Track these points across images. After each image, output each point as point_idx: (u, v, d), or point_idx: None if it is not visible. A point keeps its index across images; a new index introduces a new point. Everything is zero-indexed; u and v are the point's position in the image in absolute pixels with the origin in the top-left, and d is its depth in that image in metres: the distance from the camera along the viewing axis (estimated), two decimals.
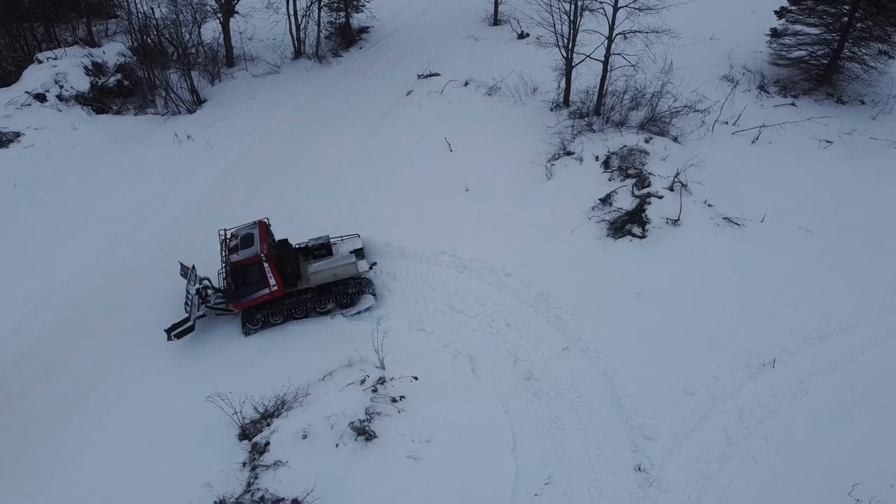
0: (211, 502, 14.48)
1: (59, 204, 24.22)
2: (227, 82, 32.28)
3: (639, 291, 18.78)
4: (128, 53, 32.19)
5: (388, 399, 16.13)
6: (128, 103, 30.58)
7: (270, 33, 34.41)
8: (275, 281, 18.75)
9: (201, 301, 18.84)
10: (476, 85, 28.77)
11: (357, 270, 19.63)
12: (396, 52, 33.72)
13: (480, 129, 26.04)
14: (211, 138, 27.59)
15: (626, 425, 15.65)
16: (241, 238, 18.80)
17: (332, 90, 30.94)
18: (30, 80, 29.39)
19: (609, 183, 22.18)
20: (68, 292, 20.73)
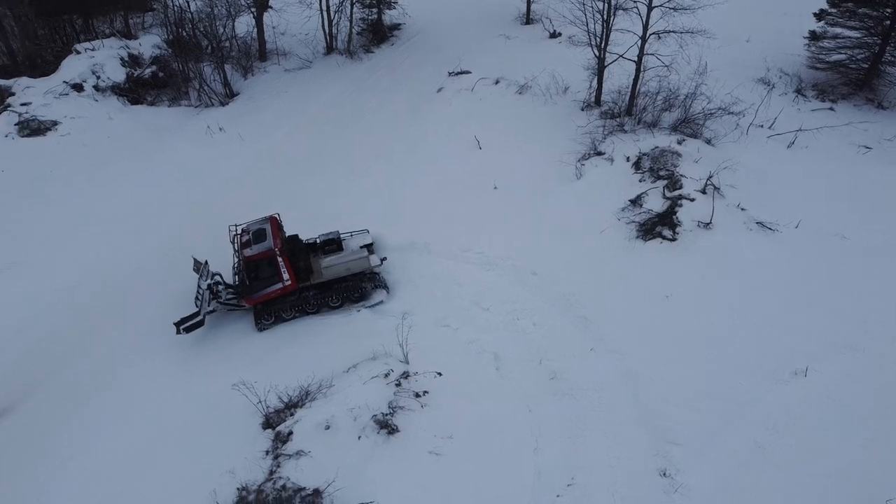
0: (234, 489, 14.57)
1: (92, 191, 24.60)
2: (259, 76, 32.58)
3: (667, 294, 18.55)
4: (163, 46, 32.63)
5: (412, 394, 16.10)
6: (162, 95, 31.00)
7: (303, 28, 34.63)
8: (288, 275, 18.76)
9: (212, 296, 18.75)
10: (507, 83, 28.66)
11: (369, 265, 19.68)
12: (427, 50, 33.75)
13: (510, 128, 25.96)
14: (242, 131, 27.85)
15: (651, 429, 15.42)
16: (253, 233, 18.79)
17: (363, 86, 31.05)
18: (68, 71, 29.94)
19: (640, 184, 21.95)
20: (97, 276, 21.00)
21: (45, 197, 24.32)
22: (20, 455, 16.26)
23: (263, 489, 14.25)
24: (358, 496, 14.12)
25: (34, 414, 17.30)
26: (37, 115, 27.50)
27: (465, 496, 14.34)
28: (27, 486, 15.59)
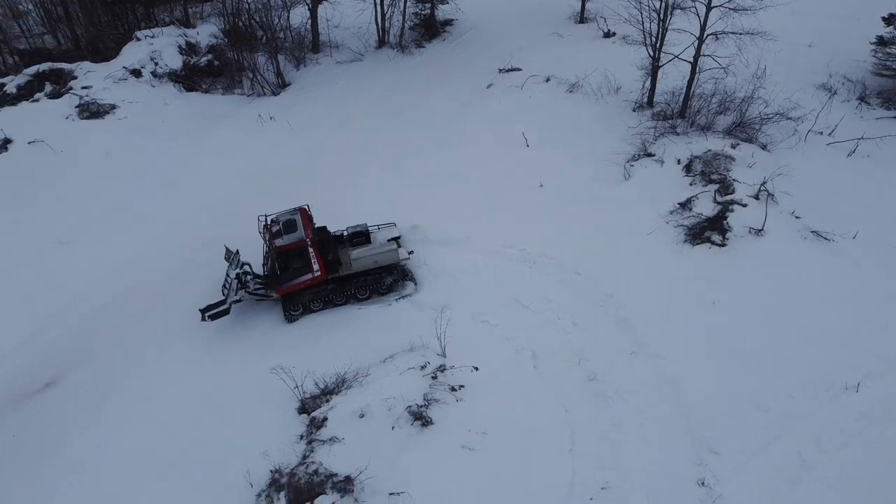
0: (267, 470, 14.73)
1: (145, 174, 25.20)
2: (311, 67, 32.93)
3: (714, 301, 18.03)
4: (219, 35, 33.27)
5: (447, 387, 16.00)
6: (216, 83, 31.59)
7: (356, 22, 34.86)
8: (318, 266, 18.82)
9: (240, 286, 18.78)
10: (557, 81, 28.33)
11: (398, 257, 19.74)
12: (479, 46, 33.62)
13: (559, 126, 25.63)
14: (292, 120, 28.17)
15: (691, 436, 15.01)
16: (283, 223, 18.86)
17: (413, 80, 31.09)
18: (128, 57, 30.76)
19: (690, 187, 21.43)
20: (144, 258, 21.49)
21: (101, 178, 24.99)
22: (63, 426, 16.72)
23: (296, 472, 14.35)
24: (389, 486, 14.10)
25: (77, 388, 17.79)
26: (96, 98, 28.30)
27: (497, 493, 14.17)
28: (67, 457, 16.01)
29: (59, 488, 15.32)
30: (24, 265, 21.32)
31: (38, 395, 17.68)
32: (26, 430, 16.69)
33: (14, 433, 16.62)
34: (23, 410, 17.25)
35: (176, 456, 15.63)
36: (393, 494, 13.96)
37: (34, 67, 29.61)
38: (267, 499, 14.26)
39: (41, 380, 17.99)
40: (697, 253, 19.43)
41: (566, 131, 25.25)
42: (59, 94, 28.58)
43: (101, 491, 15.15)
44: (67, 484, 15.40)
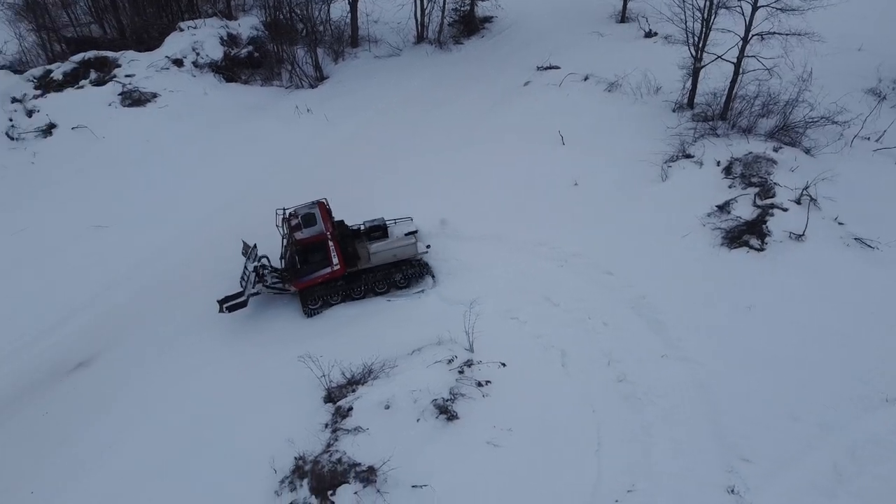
0: (291, 457, 14.77)
1: (183, 162, 25.54)
2: (349, 61, 33.08)
3: (750, 306, 17.60)
4: (260, 27, 33.61)
5: (474, 382, 15.88)
6: (256, 74, 31.91)
7: (395, 17, 34.91)
8: (337, 260, 18.79)
9: (257, 279, 18.72)
10: (596, 80, 27.98)
11: (416, 251, 19.70)
12: (517, 43, 33.41)
13: (596, 125, 25.31)
14: (329, 113, 28.32)
15: (722, 443, 14.63)
16: (301, 217, 18.82)
17: (450, 76, 31.04)
18: (170, 46, 31.26)
19: (729, 190, 20.97)
20: (178, 246, 21.75)
21: (140, 165, 25.41)
22: (93, 406, 17.01)
23: (320, 460, 14.37)
24: (412, 478, 14.03)
25: (108, 370, 18.07)
26: (139, 86, 28.81)
27: (520, 491, 14.01)
28: (96, 436, 16.29)
29: (87, 466, 15.56)
30: (63, 248, 21.76)
31: (71, 374, 18.01)
32: (58, 408, 17.00)
33: (47, 410, 16.94)
34: (56, 389, 17.57)
35: (201, 439, 15.77)
36: (415, 487, 13.89)
37: (80, 55, 30.26)
38: (290, 485, 14.30)
39: (75, 360, 18.32)
40: (734, 257, 18.99)
41: (603, 130, 24.92)
42: (103, 82, 29.15)
43: (128, 469, 15.37)
44: (96, 463, 15.64)
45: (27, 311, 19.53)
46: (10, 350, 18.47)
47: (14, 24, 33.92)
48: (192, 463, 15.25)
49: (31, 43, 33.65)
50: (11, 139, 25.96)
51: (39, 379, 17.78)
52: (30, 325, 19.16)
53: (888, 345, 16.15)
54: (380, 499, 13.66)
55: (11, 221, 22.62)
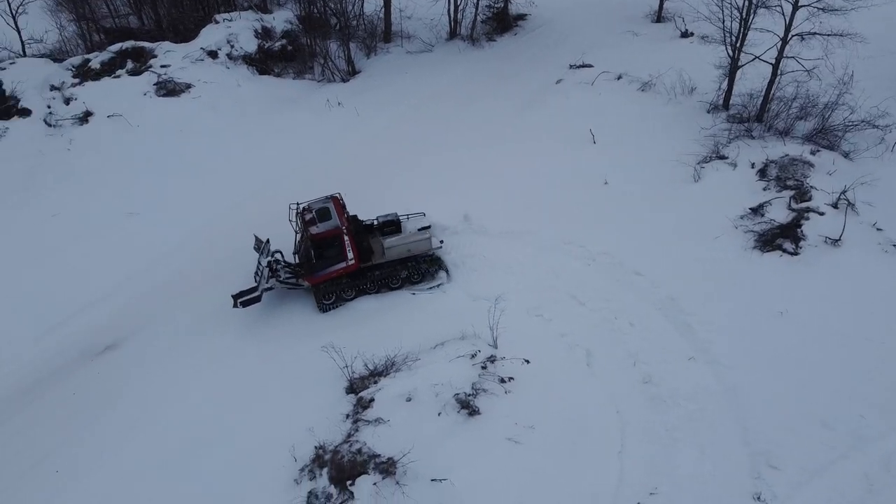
0: (311, 446, 14.79)
1: (214, 152, 25.74)
2: (381, 56, 33.10)
3: (782, 311, 17.21)
4: (294, 21, 33.79)
5: (497, 378, 15.74)
6: (288, 67, 32.10)
7: (429, 13, 34.82)
8: (352, 255, 18.68)
9: (271, 274, 18.56)
10: (629, 79, 27.61)
11: (431, 246, 19.66)
12: (550, 41, 33.12)
13: (628, 125, 24.98)
14: (359, 107, 28.34)
15: (749, 448, 14.33)
16: (316, 211, 18.66)
17: (481, 72, 30.87)
18: (206, 38, 31.56)
19: (763, 192, 20.56)
20: (205, 234, 21.88)
21: (172, 154, 25.67)
22: (119, 389, 17.24)
23: (339, 450, 14.37)
24: (431, 472, 13.95)
25: (135, 354, 18.29)
26: (173, 77, 29.11)
27: (540, 489, 13.87)
28: (121, 418, 16.49)
29: (112, 447, 15.78)
30: (95, 233, 22.05)
31: (99, 356, 18.26)
32: (86, 389, 17.26)
33: (75, 391, 17.20)
34: (85, 370, 17.84)
35: (224, 425, 15.89)
36: (435, 481, 13.81)
37: (118, 45, 30.70)
38: (310, 474, 14.32)
39: (103, 342, 18.57)
40: (767, 260, 18.60)
41: (635, 130, 24.58)
42: (139, 72, 29.53)
43: (152, 452, 15.53)
44: (120, 444, 15.85)
45: (60, 293, 19.81)
46: (43, 330, 18.77)
47: (55, 14, 34.62)
48: (214, 448, 15.37)
49: (71, 33, 34.29)
50: (49, 126, 26.42)
51: (70, 360, 18.06)
52: (62, 306, 19.44)
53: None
54: (398, 491, 13.60)
55: (47, 205, 23.01)
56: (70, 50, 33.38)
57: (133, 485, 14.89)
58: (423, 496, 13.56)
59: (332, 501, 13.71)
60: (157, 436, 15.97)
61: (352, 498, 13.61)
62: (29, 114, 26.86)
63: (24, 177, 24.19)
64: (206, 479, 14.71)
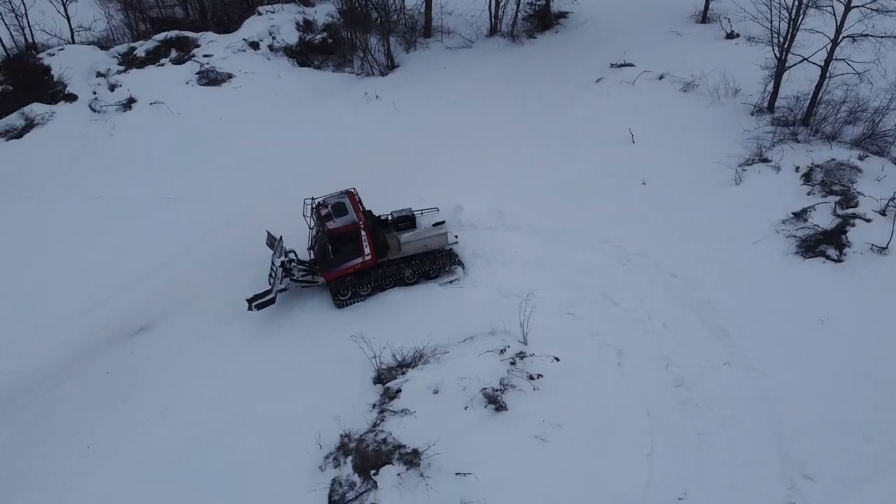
0: (337, 434, 14.80)
1: (252, 142, 25.97)
2: (421, 51, 33.05)
3: (823, 319, 16.70)
4: (335, 14, 33.95)
5: (525, 375, 15.55)
6: (328, 60, 32.25)
7: (469, 9, 34.68)
8: (369, 250, 18.56)
9: (285, 274, 18.45)
10: (671, 79, 27.11)
11: (447, 241, 19.55)
12: (592, 40, 32.69)
13: (669, 125, 24.52)
14: (397, 100, 28.33)
15: (784, 457, 13.96)
16: (332, 206, 18.47)
17: (520, 69, 30.62)
18: (248, 29, 31.90)
19: (807, 197, 20.00)
20: (240, 221, 22.00)
21: (211, 142, 25.96)
22: (150, 371, 17.44)
23: (365, 439, 14.36)
24: (456, 465, 13.85)
25: (169, 336, 18.43)
26: (215, 66, 29.47)
27: (566, 488, 13.69)
28: (151, 400, 16.68)
29: (140, 429, 15.97)
30: (135, 216, 22.39)
31: (133, 337, 18.51)
32: (118, 368, 17.50)
33: (108, 370, 17.48)
34: (119, 349, 18.10)
35: (251, 410, 16.00)
36: (459, 475, 13.70)
37: (162, 34, 31.21)
38: (334, 461, 14.34)
39: (137, 324, 18.81)
40: (809, 266, 18.10)
41: (676, 130, 24.12)
42: (182, 61, 29.96)
43: (181, 434, 15.70)
44: (148, 426, 16.05)
45: (98, 274, 20.14)
46: (79, 310, 19.11)
47: (104, 3, 35.34)
48: (241, 431, 15.47)
49: (119, 21, 34.97)
50: (94, 111, 26.95)
51: (105, 339, 18.31)
52: (100, 287, 19.76)
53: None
54: (422, 483, 13.53)
55: (89, 188, 23.47)
56: (117, 38, 34.04)
57: (161, 464, 15.06)
58: (446, 489, 13.47)
59: (356, 490, 13.70)
60: (187, 417, 16.12)
61: (375, 487, 13.58)
62: (75, 99, 27.41)
63: (69, 160, 24.70)
64: (233, 462, 14.81)
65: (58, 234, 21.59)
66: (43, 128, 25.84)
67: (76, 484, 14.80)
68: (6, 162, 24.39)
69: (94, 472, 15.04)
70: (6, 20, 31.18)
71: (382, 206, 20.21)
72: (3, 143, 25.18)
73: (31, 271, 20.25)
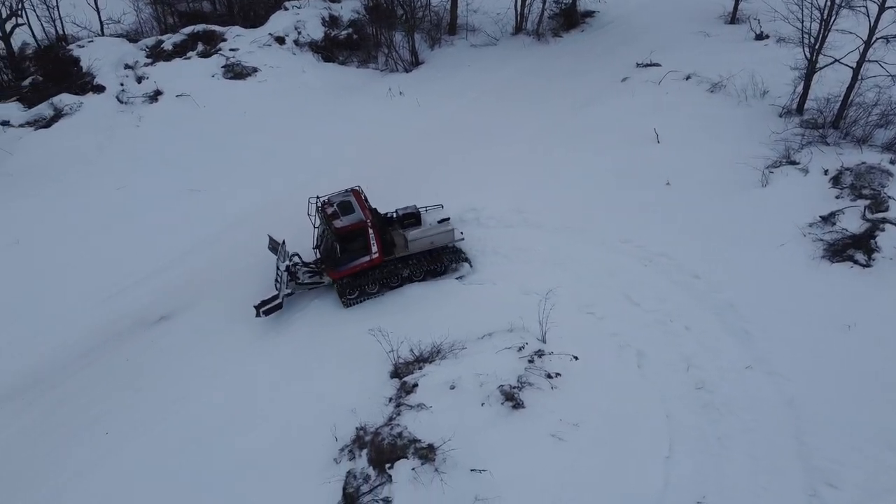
0: (353, 427, 14.78)
1: (276, 135, 26.11)
2: (445, 48, 33.05)
3: (849, 324, 16.34)
4: (361, 11, 34.06)
5: (543, 373, 15.40)
6: (353, 56, 32.37)
7: (495, 6, 34.63)
8: (377, 248, 18.35)
9: (290, 278, 18.41)
10: (698, 80, 26.80)
11: (454, 238, 19.40)
12: (618, 39, 32.46)
13: (695, 125, 24.22)
14: (420, 97, 28.33)
15: (805, 464, 13.65)
16: (338, 205, 18.22)
17: (545, 68, 30.47)
18: (275, 24, 32.14)
19: (836, 201, 19.62)
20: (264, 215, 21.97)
21: (236, 135, 26.15)
22: (169, 360, 17.52)
23: (380, 432, 14.31)
24: (471, 462, 13.73)
25: (188, 326, 18.50)
26: (241, 60, 29.72)
27: (582, 488, 13.49)
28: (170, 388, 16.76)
29: (158, 417, 16.06)
30: (158, 206, 22.59)
31: (153, 326, 18.65)
32: (139, 357, 17.62)
33: (128, 357, 17.62)
34: (139, 337, 18.23)
35: (269, 400, 16.04)
36: (474, 471, 13.59)
37: (190, 28, 31.55)
38: (349, 454, 14.31)
39: (158, 313, 18.94)
40: (836, 271, 17.73)
41: (702, 131, 23.81)
42: (208, 54, 30.25)
43: (198, 422, 15.76)
44: (168, 413, 16.15)
45: (120, 263, 20.34)
46: (101, 298, 19.30)
47: None
48: (258, 422, 15.50)
49: (147, 15, 35.43)
50: (121, 102, 27.27)
51: (127, 326, 18.46)
52: (121, 276, 19.93)
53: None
54: (437, 478, 13.43)
55: (113, 178, 23.73)
56: (145, 31, 34.47)
57: (178, 452, 15.12)
58: (461, 485, 13.36)
59: (370, 483, 13.65)
60: (204, 406, 16.17)
61: (390, 481, 13.53)
62: (103, 90, 27.75)
63: (95, 150, 25.01)
64: (248, 452, 14.82)
65: (79, 223, 21.82)
66: (71, 118, 26.21)
67: (76, 484, 14.73)
68: (34, 151, 24.76)
69: (117, 455, 15.15)
70: (38, 12, 31.69)
71: (404, 201, 20.12)
72: (32, 132, 25.57)
73: (54, 259, 20.47)
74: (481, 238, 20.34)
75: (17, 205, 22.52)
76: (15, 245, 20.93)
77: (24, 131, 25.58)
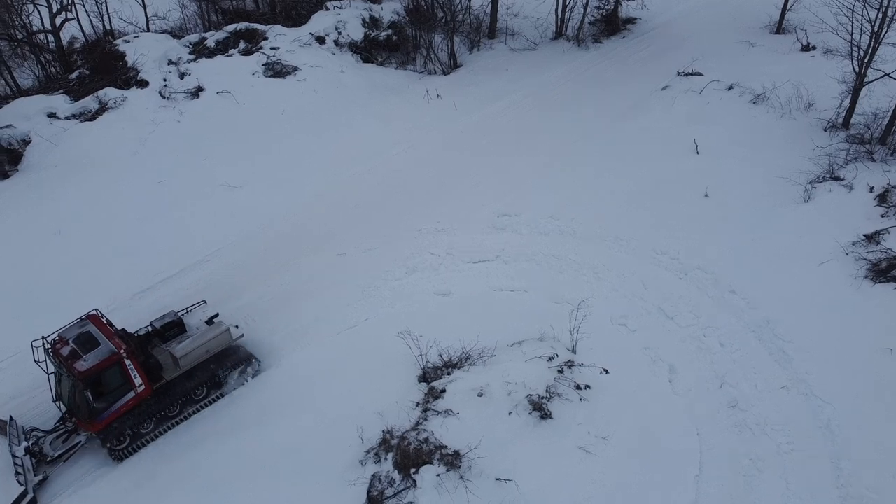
0: (379, 430, 14.78)
1: (314, 134, 26.29)
2: (484, 52, 32.93)
3: (892, 348, 15.86)
4: (401, 13, 34.08)
5: (573, 384, 15.24)
6: (392, 57, 32.40)
7: (536, 11, 34.43)
8: (141, 379, 15.04)
9: (36, 460, 14.56)
10: (741, 90, 26.32)
11: (231, 338, 16.68)
12: (659, 47, 32.01)
13: (736, 137, 23.80)
14: (458, 100, 28.27)
15: (842, 492, 13.30)
16: (74, 341, 14.65)
17: (584, 74, 30.20)
18: (316, 24, 32.33)
19: (881, 219, 19.08)
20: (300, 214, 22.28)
21: (274, 133, 26.41)
22: None
23: (407, 437, 14.28)
24: (497, 471, 13.68)
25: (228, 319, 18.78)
26: (282, 59, 29.95)
27: (608, 503, 13.30)
28: None
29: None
30: (196, 202, 22.88)
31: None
32: None
33: None
34: None
35: (295, 399, 16.14)
36: (500, 480, 13.52)
37: (233, 26, 31.90)
38: (375, 456, 14.31)
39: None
40: (879, 292, 17.23)
41: (743, 143, 23.37)
42: (250, 52, 30.55)
43: (226, 418, 15.94)
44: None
45: (161, 254, 20.57)
46: (136, 291, 19.59)
47: None
48: (284, 420, 15.61)
49: (192, 12, 35.92)
50: (163, 98, 27.70)
51: None
52: (162, 268, 20.17)
53: None
54: (462, 485, 13.37)
55: (154, 172, 24.11)
56: (189, 28, 34.97)
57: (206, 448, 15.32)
58: (486, 494, 13.31)
59: (395, 487, 13.65)
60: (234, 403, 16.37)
61: (414, 486, 13.50)
62: (146, 85, 28.21)
63: (136, 143, 25.43)
64: (275, 450, 14.94)
65: (118, 216, 22.16)
66: (115, 111, 26.67)
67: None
68: (79, 143, 25.24)
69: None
70: (87, 7, 32.40)
71: (437, 204, 20.03)
72: (77, 124, 26.08)
73: (94, 249, 20.83)
74: (518, 245, 20.22)
75: (59, 195, 22.99)
76: (56, 235, 21.35)
77: (69, 123, 26.13)
